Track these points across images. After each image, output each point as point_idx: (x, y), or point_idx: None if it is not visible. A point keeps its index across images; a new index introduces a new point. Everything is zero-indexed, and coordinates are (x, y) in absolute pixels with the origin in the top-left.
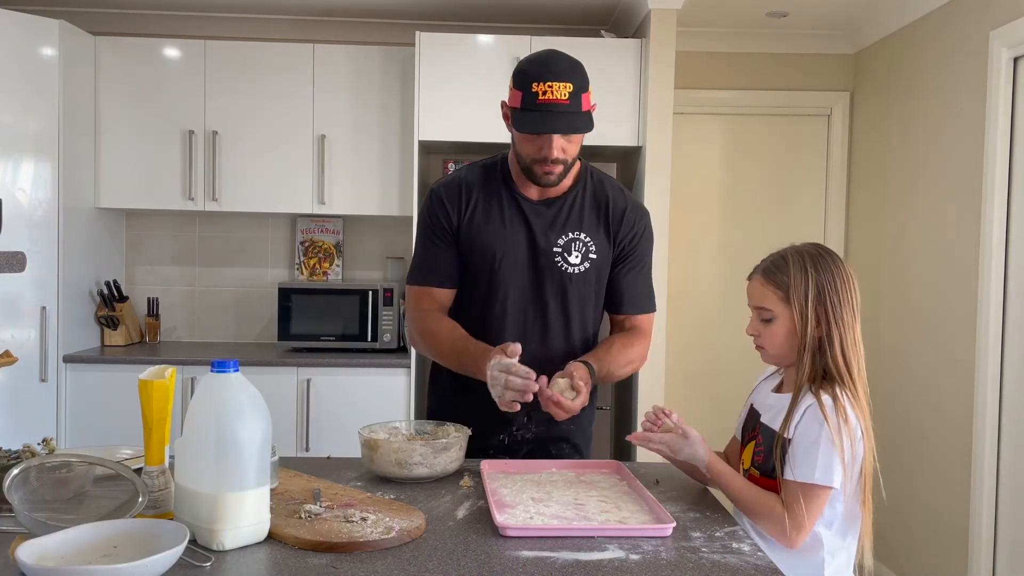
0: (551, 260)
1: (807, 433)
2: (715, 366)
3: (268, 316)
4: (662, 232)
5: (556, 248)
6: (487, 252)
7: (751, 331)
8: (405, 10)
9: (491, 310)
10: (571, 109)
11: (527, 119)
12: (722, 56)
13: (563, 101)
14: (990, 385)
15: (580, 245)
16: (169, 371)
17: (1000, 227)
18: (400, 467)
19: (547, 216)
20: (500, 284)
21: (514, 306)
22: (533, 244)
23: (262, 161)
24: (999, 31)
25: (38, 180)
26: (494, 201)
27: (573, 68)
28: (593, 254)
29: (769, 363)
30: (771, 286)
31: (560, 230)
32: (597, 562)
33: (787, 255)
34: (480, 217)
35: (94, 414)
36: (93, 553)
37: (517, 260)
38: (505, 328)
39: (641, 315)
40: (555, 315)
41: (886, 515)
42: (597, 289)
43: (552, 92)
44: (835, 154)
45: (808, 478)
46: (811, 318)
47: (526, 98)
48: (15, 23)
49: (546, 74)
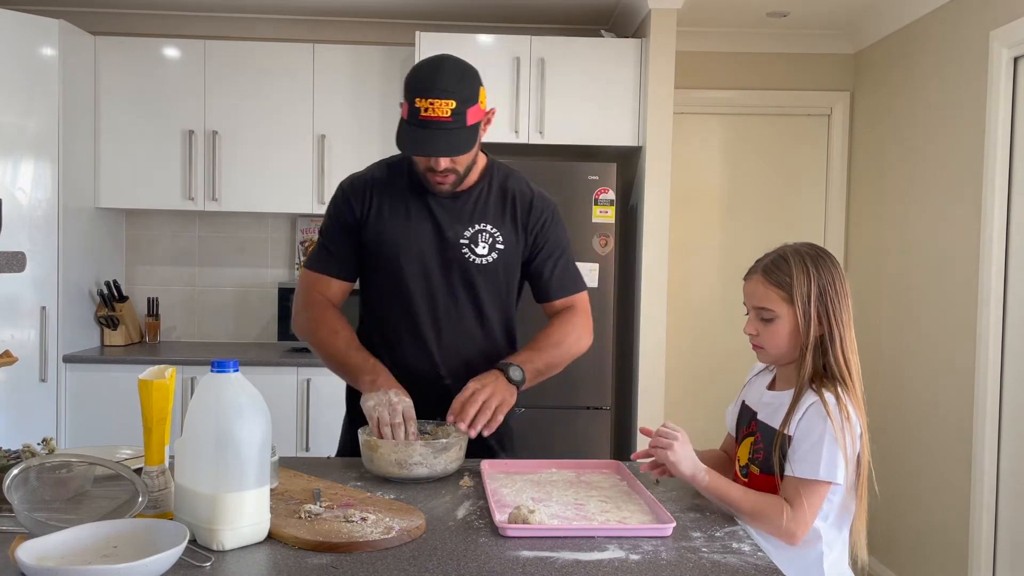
0: (458, 252)
1: (811, 430)
2: (715, 365)
3: (268, 316)
4: (662, 232)
5: (463, 240)
6: (392, 246)
7: (750, 331)
8: (405, 10)
9: (402, 305)
10: (453, 126)
11: (408, 136)
12: (722, 56)
13: (445, 119)
14: (990, 385)
15: (487, 236)
16: (169, 371)
17: (1000, 227)
18: (400, 467)
19: (452, 209)
20: (408, 278)
21: (424, 300)
22: (439, 236)
23: (262, 161)
24: (999, 31)
25: (38, 180)
26: (400, 197)
27: (460, 80)
28: (500, 244)
29: (766, 362)
30: (773, 286)
31: (466, 222)
32: (597, 562)
33: (787, 255)
34: (386, 212)
35: (94, 414)
36: (93, 553)
37: (423, 253)
38: (418, 323)
39: (570, 297)
40: (466, 307)
41: (887, 515)
42: (507, 280)
43: (433, 109)
44: (835, 154)
45: (812, 474)
46: (813, 317)
47: (410, 112)
48: (15, 23)
49: (430, 89)
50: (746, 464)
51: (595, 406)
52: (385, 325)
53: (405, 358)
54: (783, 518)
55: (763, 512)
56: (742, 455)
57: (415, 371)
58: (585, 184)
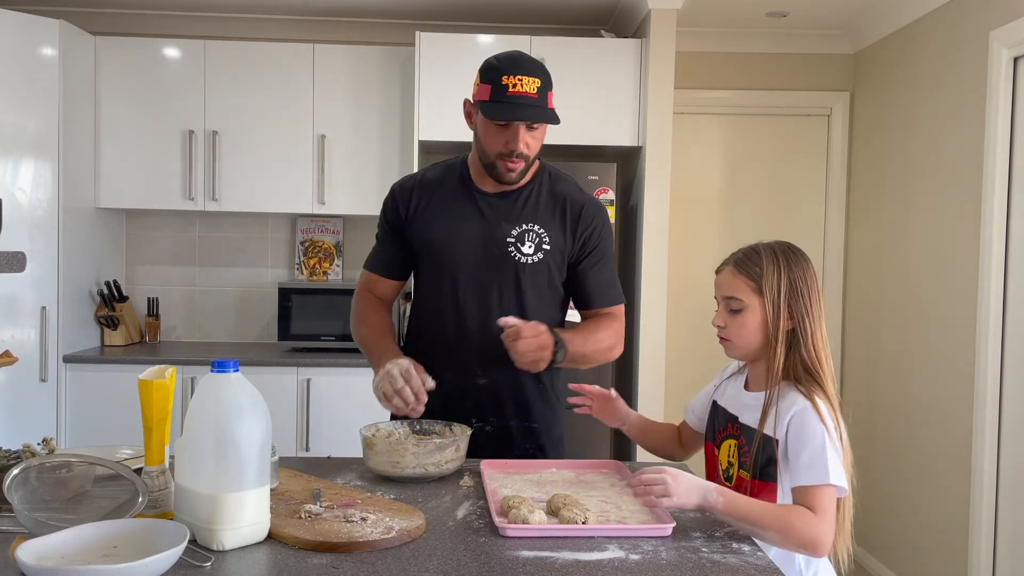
0: (504, 250)
1: (810, 436)
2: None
3: (268, 316)
4: (662, 232)
5: (509, 239)
6: (439, 243)
7: (718, 322)
8: (405, 10)
9: (448, 301)
10: (539, 103)
11: (498, 109)
12: (722, 56)
13: (532, 95)
14: (990, 385)
15: (533, 236)
16: (169, 371)
17: (1000, 227)
18: (394, 466)
19: (501, 208)
20: (454, 275)
21: (469, 296)
22: (487, 234)
23: (262, 161)
24: (999, 31)
25: (38, 180)
26: (449, 196)
27: (541, 67)
28: (547, 245)
29: (734, 357)
30: (743, 276)
31: (514, 221)
32: (597, 562)
33: (758, 248)
34: (432, 211)
35: (94, 414)
36: (93, 553)
37: (469, 250)
38: (462, 319)
39: (611, 307)
40: (510, 305)
41: (887, 515)
42: (551, 281)
43: (522, 85)
44: (835, 154)
45: (823, 480)
46: (783, 309)
47: (495, 91)
48: (15, 23)
49: (516, 69)
50: (727, 467)
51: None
52: (431, 322)
53: (449, 356)
54: (810, 525)
55: (789, 523)
56: (723, 458)
57: (454, 367)
58: (585, 184)
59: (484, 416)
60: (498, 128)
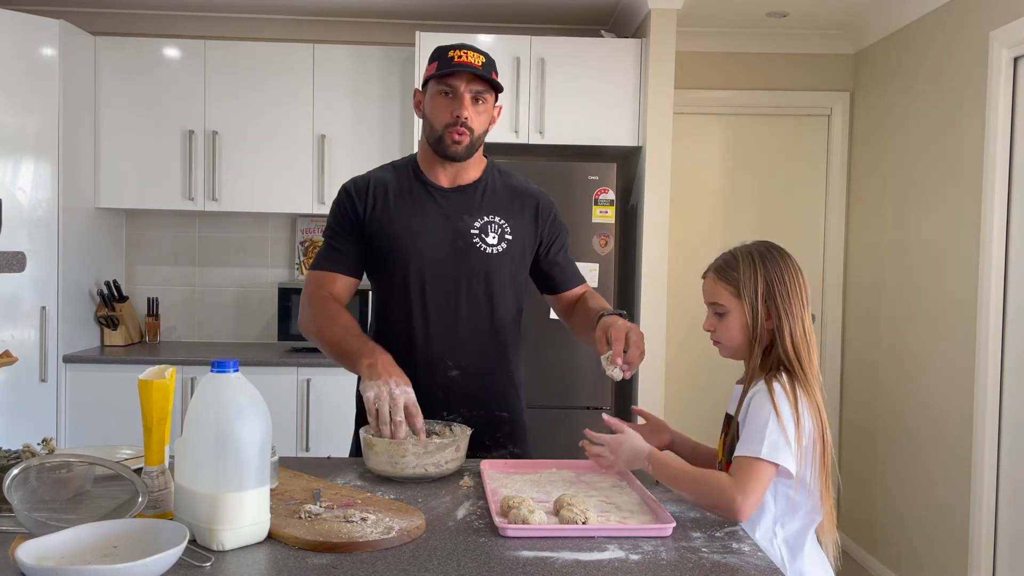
0: (468, 242)
1: (756, 413)
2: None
3: (268, 316)
4: (662, 232)
5: (473, 230)
6: (400, 239)
7: (707, 327)
8: (405, 10)
9: (415, 296)
10: (483, 72)
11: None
12: (722, 56)
13: (476, 65)
14: (990, 385)
15: (496, 227)
16: (169, 371)
17: (1000, 227)
18: (393, 466)
19: (459, 201)
20: (420, 269)
21: (436, 290)
22: (449, 226)
23: (262, 161)
24: (999, 31)
25: (38, 180)
26: (406, 192)
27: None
28: (509, 236)
29: (727, 357)
30: (723, 283)
31: (475, 213)
32: (597, 562)
33: (737, 253)
34: (391, 208)
35: (94, 414)
36: (93, 553)
37: (433, 243)
38: (429, 313)
39: (582, 287)
40: (478, 297)
41: (887, 514)
42: (516, 271)
43: (467, 57)
44: (835, 154)
45: (755, 453)
46: (761, 311)
47: (442, 63)
48: (15, 23)
49: (462, 47)
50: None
51: (595, 406)
52: (395, 319)
53: (415, 349)
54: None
55: (705, 483)
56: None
57: (424, 362)
58: (585, 184)
59: (454, 408)
60: (444, 99)
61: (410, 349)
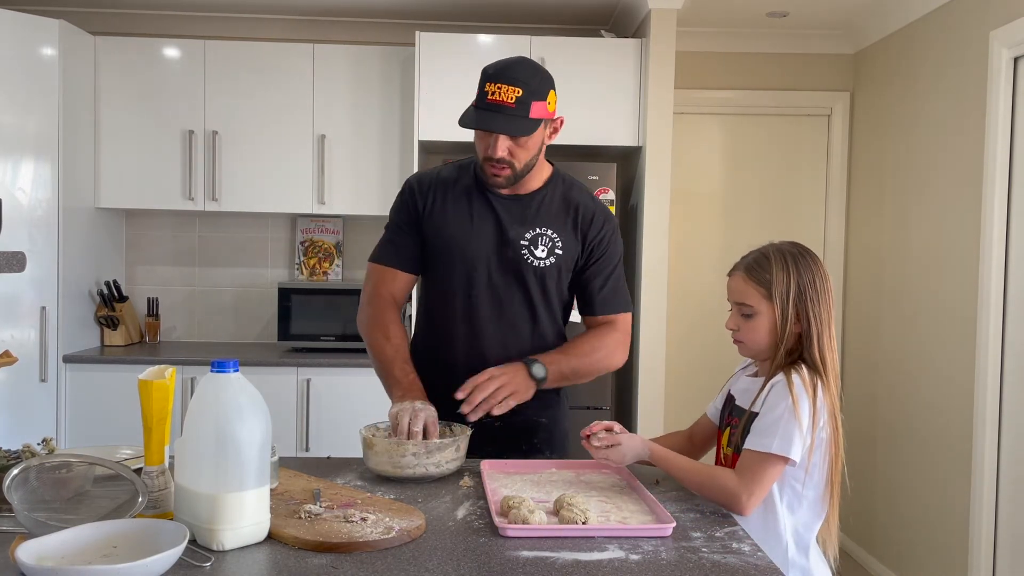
0: (518, 253)
1: (772, 406)
2: (715, 365)
3: (268, 316)
4: (662, 232)
5: (523, 241)
6: (453, 241)
7: (731, 326)
8: (405, 10)
9: (459, 301)
10: (514, 112)
11: (470, 115)
12: (722, 56)
13: (508, 104)
14: (990, 385)
15: (547, 240)
16: (169, 371)
17: (1000, 227)
18: (394, 466)
19: (515, 210)
20: (469, 273)
21: (481, 296)
22: (500, 236)
23: (262, 161)
24: (999, 31)
25: (38, 180)
26: (464, 195)
27: (532, 75)
28: (559, 250)
29: (746, 356)
30: (753, 283)
31: (528, 225)
32: (597, 562)
33: (769, 253)
34: (449, 208)
35: (94, 414)
36: (93, 553)
37: (483, 250)
38: (476, 317)
39: (613, 315)
40: (520, 307)
41: (887, 514)
42: (559, 285)
43: (500, 94)
44: (835, 154)
45: (765, 448)
46: (791, 315)
47: (478, 97)
48: (15, 23)
49: (499, 77)
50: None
51: (595, 406)
52: (439, 320)
53: (455, 353)
54: (726, 484)
55: (710, 477)
56: (724, 442)
57: (464, 365)
58: (585, 184)
59: None
60: (480, 134)
61: (451, 350)
